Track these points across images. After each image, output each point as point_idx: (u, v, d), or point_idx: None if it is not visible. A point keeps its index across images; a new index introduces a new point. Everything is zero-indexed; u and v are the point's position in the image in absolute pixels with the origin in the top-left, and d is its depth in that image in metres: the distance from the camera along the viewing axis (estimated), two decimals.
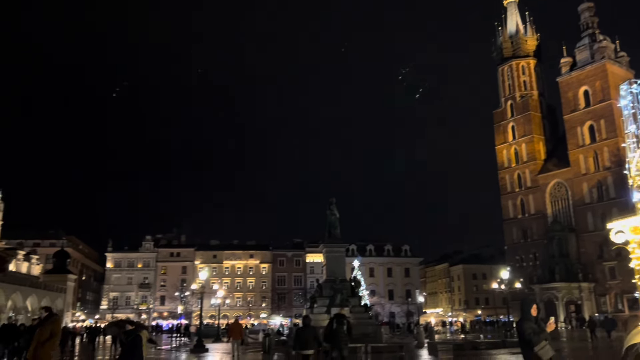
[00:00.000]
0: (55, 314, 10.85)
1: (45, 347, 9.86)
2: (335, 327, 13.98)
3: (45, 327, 10.10)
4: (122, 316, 78.70)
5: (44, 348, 9.83)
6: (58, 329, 10.47)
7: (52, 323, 10.29)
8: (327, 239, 33.03)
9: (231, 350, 25.65)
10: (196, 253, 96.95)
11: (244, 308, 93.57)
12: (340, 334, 13.88)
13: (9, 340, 17.92)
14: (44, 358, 9.85)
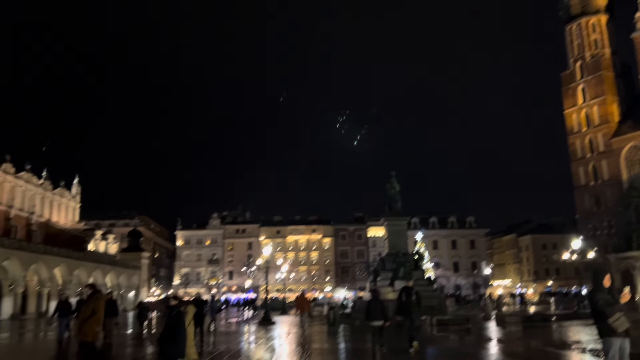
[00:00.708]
0: (98, 291, 11.28)
1: (89, 323, 10.37)
2: (405, 299, 14.24)
3: (89, 305, 10.61)
4: (194, 291, 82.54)
5: (87, 324, 10.35)
6: (100, 305, 10.87)
7: (95, 300, 10.73)
8: (387, 213, 32.82)
9: (298, 322, 26.27)
10: (260, 229, 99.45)
11: (308, 282, 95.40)
12: (411, 306, 14.15)
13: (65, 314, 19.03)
14: (89, 333, 10.40)
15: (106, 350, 17.62)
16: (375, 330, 13.66)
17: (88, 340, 10.48)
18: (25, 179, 56.19)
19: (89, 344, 10.52)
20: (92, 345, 10.58)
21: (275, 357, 14.90)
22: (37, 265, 48.09)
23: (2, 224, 51.80)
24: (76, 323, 10.67)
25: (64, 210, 65.74)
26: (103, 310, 11.18)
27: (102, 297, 11.35)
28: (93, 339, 10.53)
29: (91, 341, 10.51)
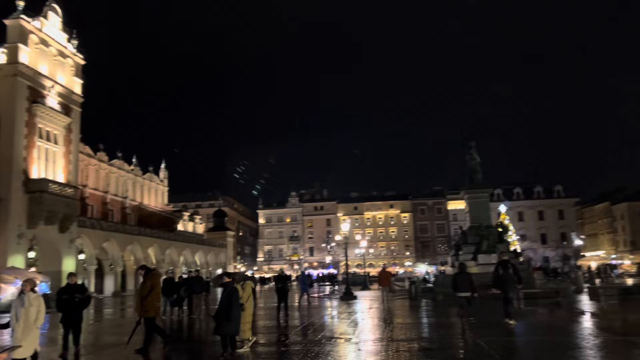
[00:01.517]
0: (152, 269, 11.98)
1: (148, 300, 11.14)
2: (502, 273, 14.34)
3: (146, 282, 11.34)
4: (277, 267, 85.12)
5: (147, 300, 11.13)
6: (157, 281, 11.61)
7: (151, 277, 11.43)
8: (468, 185, 31.86)
9: (380, 296, 26.36)
10: (338, 206, 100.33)
11: (388, 257, 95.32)
12: (508, 279, 14.22)
13: (169, 292, 20.00)
14: (149, 308, 11.15)
15: (191, 324, 18.54)
16: (463, 302, 13.98)
17: (150, 316, 11.16)
18: (117, 165, 60.13)
19: (151, 319, 11.18)
20: (153, 320, 11.23)
21: (358, 330, 15.06)
22: (133, 246, 51.60)
23: (100, 208, 55.95)
24: (137, 300, 11.44)
25: (154, 193, 69.74)
26: (160, 286, 11.96)
27: (158, 275, 12.01)
28: (155, 313, 11.26)
29: (153, 316, 11.20)
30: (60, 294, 11.02)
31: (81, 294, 10.93)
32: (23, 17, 37.21)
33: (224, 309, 9.93)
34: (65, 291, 10.99)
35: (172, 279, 21.47)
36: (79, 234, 42.19)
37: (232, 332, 10.09)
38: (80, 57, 43.92)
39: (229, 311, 9.83)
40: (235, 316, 10.06)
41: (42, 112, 38.30)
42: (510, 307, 14.33)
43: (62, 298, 10.83)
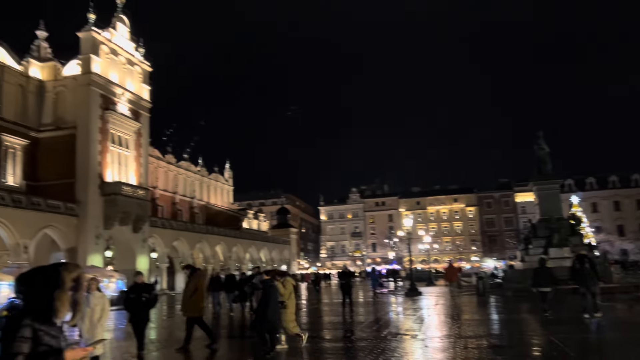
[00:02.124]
0: (197, 270, 12.01)
1: (193, 299, 11.25)
2: (579, 267, 14.12)
3: (191, 282, 11.44)
4: (340, 263, 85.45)
5: (191, 301, 11.24)
6: (201, 282, 11.63)
7: (196, 278, 11.51)
8: (536, 176, 30.63)
9: (446, 292, 25.93)
10: (400, 201, 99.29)
11: (454, 252, 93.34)
12: (586, 273, 13.98)
13: (230, 289, 20.68)
14: (193, 308, 11.26)
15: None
16: (544, 296, 13.98)
17: (194, 316, 11.23)
18: (185, 167, 62.51)
19: (197, 319, 11.23)
20: (199, 319, 11.28)
21: (424, 327, 14.87)
22: (201, 244, 53.47)
23: (170, 208, 58.37)
24: (183, 300, 11.50)
25: (220, 193, 71.90)
26: (205, 286, 11.95)
27: (203, 275, 12.10)
28: (199, 313, 11.27)
29: (197, 316, 11.23)
30: (128, 293, 10.94)
31: (148, 294, 10.58)
32: (94, 29, 39.37)
33: (262, 305, 9.92)
34: (133, 290, 10.79)
35: (232, 276, 21.99)
36: (151, 233, 44.20)
37: (270, 329, 10.00)
38: (147, 64, 45.94)
39: (267, 308, 9.78)
40: (274, 313, 9.97)
41: (114, 119, 40.40)
42: (590, 301, 13.84)
43: (130, 297, 10.66)
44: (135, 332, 10.49)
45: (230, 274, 22.48)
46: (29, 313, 2.78)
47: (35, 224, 32.95)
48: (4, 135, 35.73)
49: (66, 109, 38.97)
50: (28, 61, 39.50)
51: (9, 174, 36.03)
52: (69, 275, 2.91)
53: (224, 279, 22.15)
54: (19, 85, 38.08)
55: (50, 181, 37.45)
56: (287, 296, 10.75)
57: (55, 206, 34.97)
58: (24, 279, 2.93)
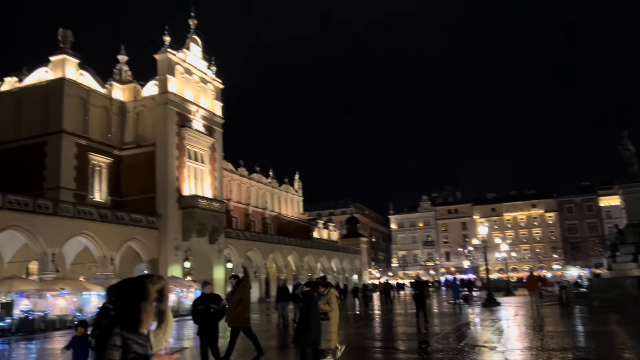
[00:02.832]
0: (243, 280, 11.78)
1: (237, 310, 11.00)
2: None
3: (236, 293, 11.19)
4: (412, 273, 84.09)
5: (236, 310, 10.99)
6: (246, 293, 11.36)
7: (241, 289, 11.29)
8: (622, 179, 28.76)
9: (527, 303, 24.82)
10: (473, 208, 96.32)
11: (534, 260, 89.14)
12: None
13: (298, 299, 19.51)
14: (239, 320, 11.00)
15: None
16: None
17: (238, 326, 11.01)
18: (256, 179, 64.17)
19: (244, 330, 11.00)
20: (247, 330, 11.06)
21: (503, 339, 14.28)
22: (274, 254, 54.47)
23: (243, 219, 60.02)
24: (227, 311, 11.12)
25: (290, 203, 73.09)
26: (249, 297, 11.61)
27: (248, 286, 11.92)
28: (243, 324, 11.02)
29: (242, 327, 11.00)
30: (196, 304, 10.35)
31: (217, 305, 10.01)
32: (169, 50, 41.49)
33: (303, 317, 9.63)
34: (201, 301, 10.20)
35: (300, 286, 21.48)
36: (226, 244, 45.61)
37: (312, 342, 9.62)
38: (219, 81, 47.77)
39: (308, 320, 9.45)
40: (315, 326, 9.57)
41: (190, 135, 42.25)
42: None
43: (198, 309, 10.07)
44: (205, 344, 10.03)
45: (298, 284, 21.76)
46: (118, 322, 2.97)
47: (120, 237, 34.98)
48: (91, 154, 38.33)
49: (146, 127, 41.24)
50: (111, 84, 42.22)
51: (95, 190, 38.54)
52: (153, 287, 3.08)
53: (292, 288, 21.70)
54: (104, 107, 40.77)
55: (133, 196, 39.69)
56: (330, 308, 10.50)
57: (138, 220, 36.97)
58: (114, 291, 3.13)
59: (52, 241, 29.61)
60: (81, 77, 39.03)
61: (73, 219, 31.40)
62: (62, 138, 35.97)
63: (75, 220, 31.57)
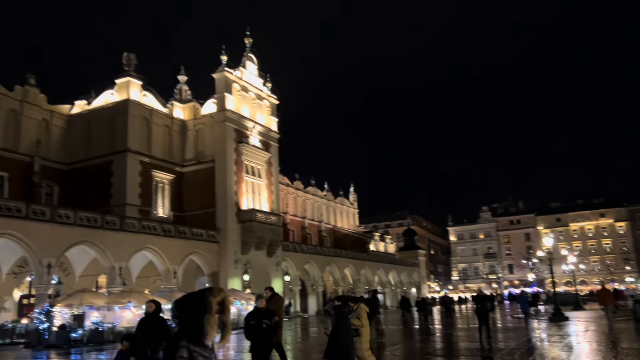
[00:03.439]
0: (277, 294, 11.35)
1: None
2: None
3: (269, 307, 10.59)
4: (474, 286, 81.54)
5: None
6: (278, 307, 10.93)
7: (274, 303, 10.84)
8: None
9: (599, 317, 23.51)
10: (537, 218, 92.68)
11: (604, 272, 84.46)
12: None
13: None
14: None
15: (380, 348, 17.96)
16: None
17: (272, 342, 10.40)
18: (312, 192, 64.67)
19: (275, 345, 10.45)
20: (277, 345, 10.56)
21: (573, 356, 13.56)
22: (331, 267, 54.47)
23: (300, 232, 60.51)
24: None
25: (345, 216, 73.03)
26: (283, 312, 11.18)
27: (280, 300, 11.62)
28: (276, 340, 10.46)
29: (275, 342, 10.43)
30: (248, 319, 9.70)
31: (269, 320, 9.31)
32: (227, 69, 42.79)
33: (334, 333, 9.34)
34: (253, 316, 9.48)
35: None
36: (284, 257, 46.08)
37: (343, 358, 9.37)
38: (274, 97, 48.73)
39: (338, 336, 9.23)
40: (346, 341, 9.33)
41: (247, 150, 43.23)
42: None
43: (250, 324, 9.44)
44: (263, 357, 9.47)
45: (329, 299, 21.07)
46: (184, 335, 3.07)
47: (182, 251, 36.11)
48: (154, 171, 39.94)
49: (205, 144, 42.59)
50: (172, 104, 44.00)
51: (159, 206, 40.05)
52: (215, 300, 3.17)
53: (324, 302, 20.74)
54: (165, 126, 42.48)
55: (194, 211, 40.97)
56: (360, 323, 10.33)
57: (199, 234, 38.06)
58: (178, 305, 3.25)
59: (119, 255, 30.98)
60: (144, 97, 40.91)
61: (138, 234, 32.76)
62: (128, 156, 37.72)
63: (140, 235, 32.92)
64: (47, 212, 27.96)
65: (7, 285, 30.71)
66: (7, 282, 30.60)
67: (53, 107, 39.49)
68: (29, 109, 37.08)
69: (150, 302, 8.06)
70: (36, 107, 37.79)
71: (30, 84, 37.75)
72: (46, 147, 37.84)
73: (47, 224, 27.45)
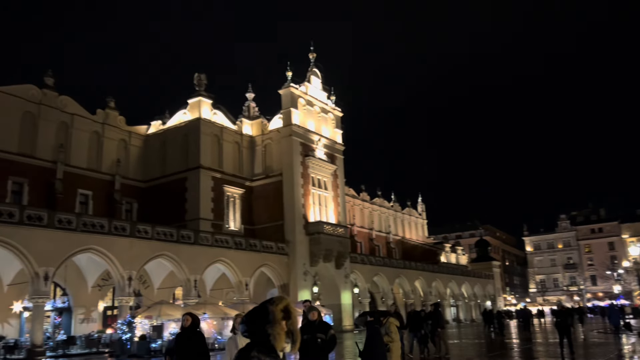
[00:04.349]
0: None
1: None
2: None
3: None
4: (553, 298, 77.52)
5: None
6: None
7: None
8: None
9: None
10: (621, 226, 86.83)
11: None
12: None
13: (414, 327, 17.58)
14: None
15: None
16: None
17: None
18: (378, 203, 64.24)
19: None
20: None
21: None
22: (400, 279, 53.65)
23: (367, 244, 60.16)
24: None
25: (414, 227, 71.83)
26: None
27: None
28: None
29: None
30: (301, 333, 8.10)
31: (324, 334, 7.94)
32: (292, 85, 43.65)
33: (367, 348, 9.12)
34: (306, 330, 7.96)
35: (416, 313, 18.73)
36: (352, 269, 45.92)
37: None
38: (338, 110, 49.09)
39: (372, 351, 9.04)
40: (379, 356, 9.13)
41: (313, 163, 43.72)
42: None
43: (303, 338, 8.24)
44: None
45: (414, 310, 19.62)
46: (255, 346, 3.14)
47: (253, 263, 36.91)
48: (226, 186, 41.24)
49: (273, 158, 43.54)
50: (241, 120, 45.41)
51: (230, 219, 41.26)
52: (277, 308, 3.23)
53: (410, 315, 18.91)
54: (235, 142, 43.87)
55: (263, 224, 41.86)
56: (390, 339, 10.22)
57: (269, 247, 38.78)
58: (246, 318, 3.34)
59: (194, 268, 32.15)
60: (215, 116, 42.51)
61: (211, 247, 33.88)
62: (201, 173, 39.24)
63: (214, 248, 34.02)
64: (128, 227, 29.57)
65: (93, 297, 32.64)
66: (92, 294, 32.52)
67: (131, 128, 41.85)
68: (109, 131, 39.54)
69: (187, 316, 7.33)
70: (116, 128, 40.22)
71: (110, 107, 40.27)
72: (125, 166, 40.11)
73: (128, 239, 29.03)
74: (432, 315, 18.19)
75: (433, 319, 17.91)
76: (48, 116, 35.22)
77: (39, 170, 33.90)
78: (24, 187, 33.02)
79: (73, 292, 31.62)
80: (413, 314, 18.42)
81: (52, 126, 35.43)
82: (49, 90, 35.65)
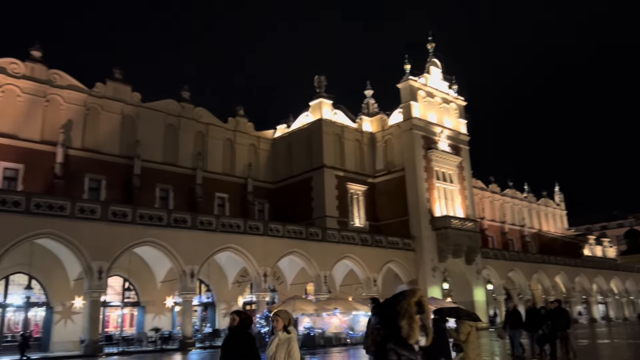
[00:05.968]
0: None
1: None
2: None
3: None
4: None
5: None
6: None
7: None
8: None
9: None
10: None
11: None
12: None
13: (533, 326, 15.28)
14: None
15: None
16: None
17: None
18: (510, 195, 60.67)
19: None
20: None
21: None
22: (538, 274, 50.17)
23: (499, 238, 57.07)
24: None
25: (551, 218, 66.74)
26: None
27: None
28: None
29: None
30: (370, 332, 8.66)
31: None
32: (411, 77, 42.93)
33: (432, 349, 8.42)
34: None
35: (536, 310, 16.34)
36: (484, 264, 43.93)
37: None
38: (461, 99, 47.27)
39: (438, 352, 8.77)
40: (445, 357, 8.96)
41: (436, 156, 42.58)
42: None
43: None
44: None
45: (532, 307, 16.68)
46: (390, 338, 3.13)
47: (380, 259, 37.00)
48: (349, 184, 41.82)
49: (394, 153, 43.21)
50: (360, 118, 45.73)
51: (355, 216, 41.73)
52: (411, 301, 3.17)
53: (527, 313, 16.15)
54: (356, 140, 44.30)
55: (387, 220, 41.74)
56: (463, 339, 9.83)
57: (395, 242, 38.59)
58: (378, 311, 3.34)
59: (323, 265, 33.13)
60: (335, 115, 43.32)
61: (339, 244, 34.65)
62: (325, 172, 40.27)
63: (341, 245, 34.77)
64: (261, 226, 31.37)
65: (233, 293, 35.03)
66: (232, 290, 34.91)
67: (259, 133, 44.27)
68: (240, 137, 42.26)
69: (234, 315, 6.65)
70: (246, 134, 42.86)
71: (240, 115, 42.97)
72: (256, 169, 42.54)
73: (261, 237, 30.80)
74: (555, 314, 15.25)
75: (553, 319, 15.09)
76: (187, 127, 38.64)
77: (182, 177, 37.29)
78: (170, 193, 36.52)
79: (215, 288, 34.22)
80: (530, 311, 16.07)
81: (191, 136, 38.80)
82: (186, 103, 39.11)
